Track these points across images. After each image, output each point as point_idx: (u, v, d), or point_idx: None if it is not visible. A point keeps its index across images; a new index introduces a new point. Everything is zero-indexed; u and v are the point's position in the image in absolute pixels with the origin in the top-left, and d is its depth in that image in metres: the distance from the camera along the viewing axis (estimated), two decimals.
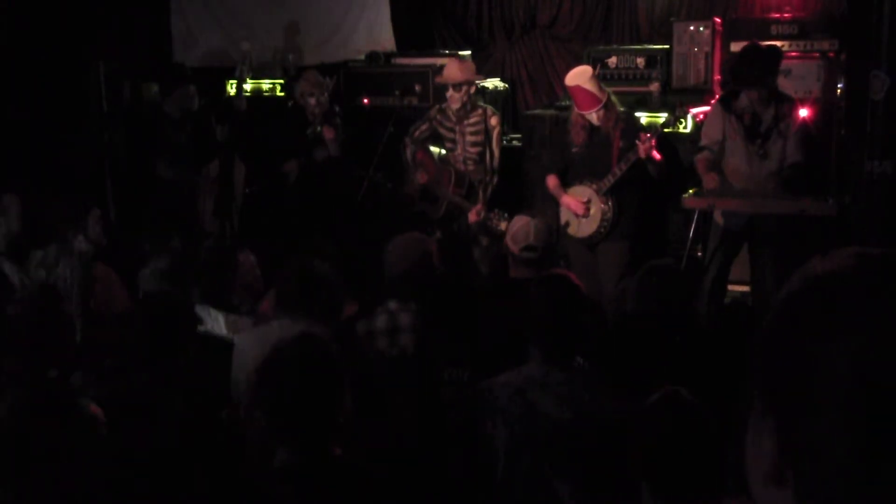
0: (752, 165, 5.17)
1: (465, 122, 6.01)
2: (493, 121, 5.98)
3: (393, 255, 3.96)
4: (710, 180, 5.12)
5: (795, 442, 0.81)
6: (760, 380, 0.86)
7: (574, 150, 5.48)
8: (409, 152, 6.15)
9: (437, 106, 6.16)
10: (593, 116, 5.38)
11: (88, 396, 2.35)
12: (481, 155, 6.01)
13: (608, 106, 5.36)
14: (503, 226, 5.59)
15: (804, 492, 0.81)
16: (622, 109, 5.46)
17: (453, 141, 6.08)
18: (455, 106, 5.99)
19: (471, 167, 6.02)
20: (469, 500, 3.02)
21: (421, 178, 6.06)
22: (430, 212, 6.08)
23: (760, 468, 0.85)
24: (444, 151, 6.20)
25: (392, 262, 3.95)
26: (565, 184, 5.52)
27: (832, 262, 0.84)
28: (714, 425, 2.35)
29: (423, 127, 6.14)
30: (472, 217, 5.81)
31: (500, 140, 6.04)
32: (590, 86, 5.32)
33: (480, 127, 5.98)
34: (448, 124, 6.07)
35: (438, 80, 6.22)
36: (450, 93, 5.98)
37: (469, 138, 6.02)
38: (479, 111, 6.03)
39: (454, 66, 6.03)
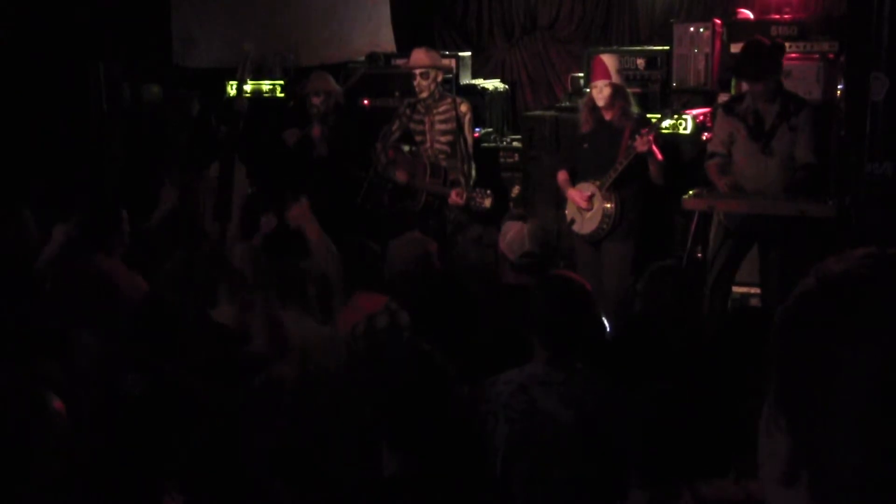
0: (759, 165, 5.13)
1: (434, 110, 5.98)
2: (464, 108, 5.94)
3: (394, 254, 4.00)
4: (723, 185, 5.11)
5: (811, 443, 0.80)
6: (774, 379, 0.85)
7: (585, 146, 5.48)
8: (382, 155, 6.07)
9: (406, 101, 6.10)
10: (599, 93, 5.34)
11: (53, 391, 2.28)
12: (452, 145, 5.94)
13: (618, 92, 5.35)
14: (487, 203, 5.57)
15: (820, 493, 0.80)
16: (637, 110, 5.45)
17: (423, 133, 6.03)
18: (423, 94, 5.95)
19: (441, 160, 5.97)
20: (466, 498, 3.00)
21: (401, 177, 6.00)
22: (410, 206, 6.06)
23: (774, 467, 0.84)
24: (413, 148, 6.14)
25: (393, 262, 3.98)
26: (575, 181, 5.51)
27: (848, 262, 0.83)
28: (699, 412, 2.46)
29: (395, 127, 6.09)
30: (453, 198, 5.70)
31: (471, 127, 5.99)
32: (609, 63, 5.32)
33: (450, 115, 5.92)
34: (417, 117, 6.04)
35: (404, 66, 6.17)
36: (417, 80, 5.95)
37: (438, 126, 5.98)
38: (448, 100, 5.99)
39: (420, 53, 6.02)
